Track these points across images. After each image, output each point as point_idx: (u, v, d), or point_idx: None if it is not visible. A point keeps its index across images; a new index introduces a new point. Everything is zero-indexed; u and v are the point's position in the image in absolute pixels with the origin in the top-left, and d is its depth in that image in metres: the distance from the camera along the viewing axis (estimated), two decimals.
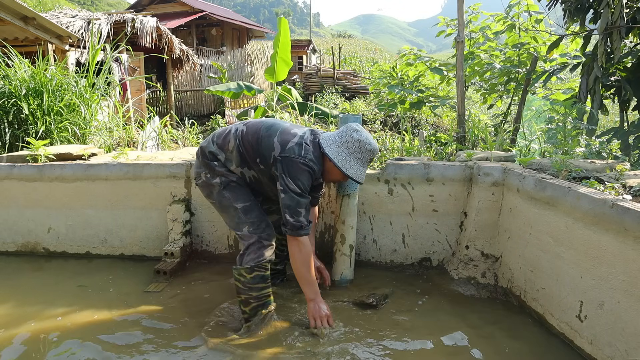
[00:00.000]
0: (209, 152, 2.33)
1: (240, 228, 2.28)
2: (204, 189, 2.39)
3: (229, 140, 2.29)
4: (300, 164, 2.11)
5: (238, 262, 2.27)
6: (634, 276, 1.72)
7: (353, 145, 2.19)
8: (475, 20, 6.04)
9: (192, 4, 19.45)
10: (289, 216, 2.13)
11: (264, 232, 2.27)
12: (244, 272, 2.22)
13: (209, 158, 2.33)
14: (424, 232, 2.95)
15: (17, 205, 3.24)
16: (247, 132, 2.29)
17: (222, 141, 2.31)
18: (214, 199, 2.35)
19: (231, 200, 2.29)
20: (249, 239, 2.26)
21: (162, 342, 2.15)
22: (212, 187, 2.32)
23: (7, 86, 3.90)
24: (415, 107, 6.09)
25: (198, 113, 13.77)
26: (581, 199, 1.98)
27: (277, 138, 2.19)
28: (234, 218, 2.30)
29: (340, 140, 2.21)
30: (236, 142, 2.27)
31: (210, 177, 2.32)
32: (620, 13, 3.28)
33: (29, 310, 2.45)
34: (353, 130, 2.21)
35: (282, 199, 2.13)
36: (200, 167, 2.37)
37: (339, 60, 19.79)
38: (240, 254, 2.28)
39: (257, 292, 2.25)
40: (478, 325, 2.30)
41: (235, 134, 2.29)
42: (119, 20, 9.65)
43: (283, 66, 6.64)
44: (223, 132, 2.35)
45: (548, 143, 3.44)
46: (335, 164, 2.16)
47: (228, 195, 2.30)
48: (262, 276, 2.25)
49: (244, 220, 2.27)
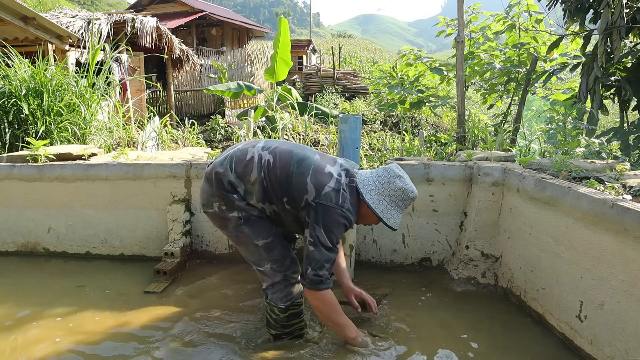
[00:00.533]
0: (229, 182, 1.97)
1: (261, 264, 2.05)
2: (216, 220, 2.10)
3: (251, 170, 1.96)
4: (338, 215, 1.89)
5: (267, 297, 2.08)
6: (634, 276, 1.72)
7: (396, 194, 1.98)
8: (475, 20, 6.04)
9: (192, 4, 19.44)
10: (311, 269, 1.91)
11: (289, 269, 2.06)
12: (277, 311, 2.06)
13: (226, 189, 1.98)
14: (424, 232, 2.95)
15: (17, 205, 3.24)
16: (274, 164, 1.96)
17: (242, 170, 1.97)
18: (229, 232, 2.07)
19: (251, 236, 2.01)
20: (272, 277, 2.05)
21: (162, 342, 2.15)
22: (226, 221, 2.03)
23: (7, 86, 3.90)
24: (415, 107, 6.10)
25: (198, 113, 13.76)
26: (581, 199, 1.98)
27: (310, 178, 1.92)
28: (253, 254, 2.06)
29: (381, 187, 1.98)
30: (260, 175, 1.95)
31: (225, 210, 2.00)
32: (620, 13, 3.28)
33: (29, 310, 2.45)
34: (396, 176, 2.00)
35: (311, 251, 1.90)
36: (213, 196, 2.02)
37: (339, 60, 19.79)
38: (264, 288, 2.08)
39: (290, 328, 2.11)
40: (478, 325, 2.30)
41: (260, 163, 1.97)
42: (119, 20, 9.65)
43: (283, 66, 6.65)
44: (243, 157, 1.99)
45: (548, 143, 3.44)
46: (376, 214, 1.95)
47: (247, 231, 2.01)
48: (295, 313, 2.10)
49: (266, 257, 2.03)
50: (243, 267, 2.92)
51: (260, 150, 2.01)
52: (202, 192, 2.10)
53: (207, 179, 2.05)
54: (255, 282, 2.67)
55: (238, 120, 8.88)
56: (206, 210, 2.09)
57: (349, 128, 2.60)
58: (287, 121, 5.02)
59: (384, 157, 3.56)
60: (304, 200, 1.91)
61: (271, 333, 2.13)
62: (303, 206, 1.93)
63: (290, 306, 2.06)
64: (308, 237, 1.91)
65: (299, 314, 2.13)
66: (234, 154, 2.03)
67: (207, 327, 2.27)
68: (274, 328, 2.11)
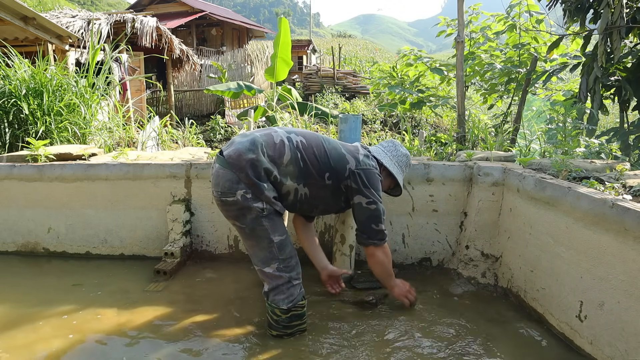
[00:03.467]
0: (265, 168, 1.99)
1: (268, 264, 2.05)
2: (233, 210, 2.03)
3: (284, 152, 2.04)
4: (377, 175, 2.24)
5: (269, 298, 2.09)
6: (634, 276, 1.72)
7: (402, 160, 2.40)
8: (475, 20, 6.05)
9: (192, 4, 19.45)
10: (376, 226, 2.18)
11: (293, 270, 2.10)
12: (278, 312, 2.07)
13: (260, 177, 1.98)
14: (424, 232, 2.95)
15: (17, 205, 3.24)
16: (309, 144, 2.11)
17: (275, 154, 2.03)
18: (245, 223, 2.02)
19: (268, 231, 2.02)
20: (276, 279, 2.06)
21: (162, 341, 2.15)
22: (247, 210, 1.99)
23: (7, 86, 3.89)
24: (415, 107, 6.10)
25: (198, 113, 13.77)
26: (581, 199, 1.98)
27: (345, 151, 2.20)
28: (264, 251, 2.05)
29: (391, 155, 2.37)
30: (297, 155, 2.06)
31: (250, 199, 1.98)
32: (620, 13, 3.28)
33: (29, 310, 2.45)
34: (400, 145, 2.44)
35: (373, 210, 2.16)
36: (239, 183, 1.98)
37: (339, 60, 19.79)
38: (267, 290, 2.09)
39: (292, 329, 2.11)
40: (478, 325, 2.30)
41: (292, 145, 2.07)
42: (119, 20, 9.65)
43: (283, 66, 6.65)
44: (271, 141, 2.06)
45: (548, 143, 3.44)
46: (394, 174, 2.34)
47: (267, 224, 2.02)
48: (298, 315, 2.11)
49: (276, 256, 2.05)
50: (243, 267, 2.93)
51: (286, 133, 2.12)
52: (221, 179, 2.01)
53: (233, 165, 1.98)
54: (256, 282, 2.67)
55: (238, 120, 8.89)
56: (225, 199, 2.01)
57: (349, 128, 2.60)
58: (287, 121, 5.02)
59: None
60: (347, 169, 2.15)
61: (272, 334, 2.14)
62: (347, 175, 2.15)
63: (292, 308, 2.08)
64: (364, 200, 2.15)
65: (301, 315, 2.13)
66: (259, 139, 2.04)
67: (207, 327, 2.27)
68: (275, 329, 2.12)
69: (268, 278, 2.08)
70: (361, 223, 2.21)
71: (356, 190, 2.16)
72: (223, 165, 2.03)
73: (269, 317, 2.13)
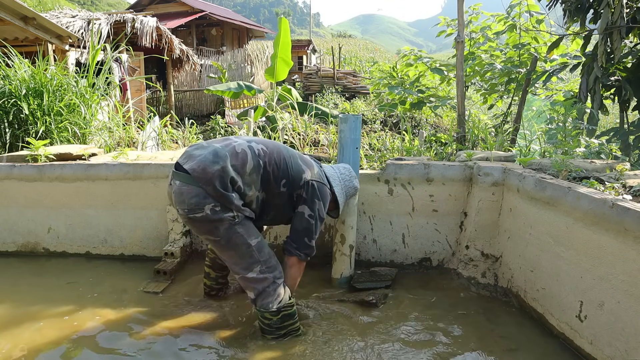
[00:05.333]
0: (231, 178, 1.95)
1: (250, 268, 2.03)
2: (203, 225, 1.98)
3: (247, 161, 2.01)
4: (328, 191, 2.27)
5: (257, 304, 2.07)
6: (634, 276, 1.72)
7: (350, 191, 2.45)
8: (475, 20, 6.04)
9: (192, 4, 19.44)
10: (308, 240, 2.17)
11: (275, 269, 2.09)
12: (267, 315, 2.06)
13: (227, 187, 1.95)
14: (424, 232, 2.95)
15: (17, 205, 3.24)
16: (270, 151, 2.10)
17: (238, 162, 1.99)
18: (219, 235, 1.98)
19: (244, 236, 2.01)
20: (261, 283, 2.04)
21: (162, 342, 2.15)
22: (218, 223, 1.96)
23: (7, 86, 3.89)
24: (415, 107, 6.09)
25: (198, 113, 13.77)
26: (581, 199, 1.98)
27: (301, 161, 2.22)
28: (245, 257, 2.03)
29: (343, 184, 2.40)
30: (258, 162, 2.04)
31: (219, 211, 1.94)
32: (620, 13, 3.28)
33: (29, 310, 2.45)
34: (354, 177, 2.47)
35: (311, 224, 2.15)
36: (206, 198, 1.92)
37: (339, 60, 19.79)
38: (254, 298, 2.07)
39: (285, 329, 2.11)
40: (478, 325, 2.30)
41: (253, 152, 2.04)
42: (119, 20, 9.64)
43: (283, 66, 6.65)
44: (234, 151, 2.02)
45: (548, 143, 3.44)
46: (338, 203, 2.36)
47: (241, 230, 2.00)
48: (289, 314, 2.11)
49: (257, 259, 2.04)
50: None
51: (246, 142, 2.09)
52: (186, 197, 1.93)
53: (199, 179, 1.91)
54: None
55: (238, 120, 8.89)
56: (193, 216, 1.94)
57: (349, 128, 2.60)
58: (287, 121, 5.02)
59: (384, 157, 3.56)
60: (302, 179, 2.16)
61: (267, 338, 2.12)
62: (301, 185, 2.16)
63: (282, 308, 2.08)
64: (307, 212, 2.15)
65: (292, 314, 2.13)
66: (221, 150, 1.99)
67: (207, 327, 2.27)
68: (269, 333, 2.11)
69: (252, 283, 2.05)
70: (296, 232, 2.18)
71: (304, 200, 2.16)
72: (186, 181, 1.95)
73: (260, 324, 2.12)
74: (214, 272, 2.49)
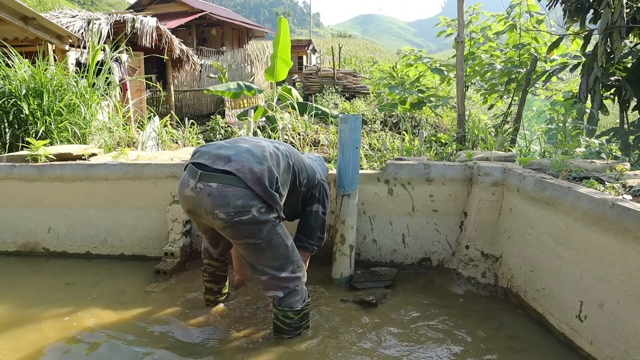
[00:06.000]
0: (277, 178, 1.93)
1: (284, 269, 2.00)
2: (246, 228, 1.87)
3: (280, 161, 2.02)
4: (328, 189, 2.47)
5: (281, 304, 2.03)
6: (634, 276, 1.72)
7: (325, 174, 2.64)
8: (475, 20, 6.04)
9: (192, 4, 19.43)
10: (320, 234, 2.38)
11: (303, 268, 2.12)
12: (290, 315, 2.05)
13: (274, 187, 1.91)
14: (424, 232, 2.95)
15: (17, 205, 3.24)
16: (292, 152, 2.16)
17: (275, 163, 1.97)
18: (261, 238, 1.90)
19: (283, 237, 1.99)
20: (292, 282, 2.02)
21: (162, 341, 2.15)
22: (262, 225, 1.89)
23: (7, 86, 3.89)
24: (415, 107, 6.09)
25: (198, 113, 13.77)
26: (581, 199, 1.98)
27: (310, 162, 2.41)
28: (280, 258, 1.99)
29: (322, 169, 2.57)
30: (288, 162, 2.07)
31: (265, 212, 1.88)
32: (620, 13, 3.28)
33: (29, 310, 2.45)
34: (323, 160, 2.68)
35: (324, 220, 2.37)
36: (254, 199, 1.84)
37: (339, 60, 19.79)
38: (281, 296, 2.02)
39: (301, 329, 2.13)
40: (478, 325, 2.30)
41: (282, 153, 2.06)
42: (119, 20, 9.64)
43: (283, 66, 6.65)
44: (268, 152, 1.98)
45: (548, 143, 3.44)
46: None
47: (281, 231, 1.98)
48: (307, 313, 2.14)
49: (292, 259, 2.03)
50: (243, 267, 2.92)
51: (271, 143, 2.10)
52: (231, 198, 1.81)
53: (247, 179, 1.82)
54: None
55: (238, 120, 8.89)
56: (238, 219, 1.82)
57: (349, 128, 2.60)
58: (287, 121, 5.02)
59: (384, 157, 3.56)
60: (317, 179, 2.33)
61: (284, 338, 2.10)
62: (315, 184, 2.32)
63: (304, 306, 2.10)
64: (321, 210, 2.34)
65: (308, 313, 2.17)
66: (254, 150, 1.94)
67: (207, 327, 2.27)
68: (286, 333, 2.09)
69: (284, 283, 2.01)
70: (311, 229, 2.34)
71: (317, 199, 2.34)
72: (229, 182, 1.83)
73: (278, 323, 2.08)
74: (216, 285, 2.44)
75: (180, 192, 1.96)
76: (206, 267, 2.40)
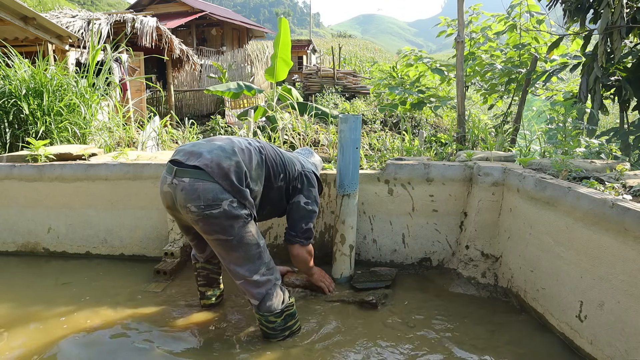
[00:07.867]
0: (245, 173, 1.96)
1: (256, 271, 1.98)
2: (219, 223, 1.88)
3: (252, 157, 2.04)
4: (317, 179, 2.45)
5: (260, 309, 2.02)
6: (634, 276, 1.72)
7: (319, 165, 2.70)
8: (475, 20, 6.05)
9: (192, 4, 19.45)
10: (305, 225, 2.29)
11: (275, 271, 2.08)
12: (272, 318, 2.04)
13: (242, 182, 1.94)
14: (424, 232, 2.95)
15: (17, 205, 3.24)
16: (267, 147, 2.18)
17: (246, 158, 2.01)
18: (232, 234, 1.91)
19: (255, 236, 1.98)
20: (265, 285, 2.01)
21: (162, 342, 2.15)
22: (234, 221, 1.90)
23: (7, 86, 3.89)
24: (415, 107, 6.10)
25: (198, 113, 13.78)
26: (581, 199, 1.98)
27: (291, 155, 2.40)
28: (252, 258, 1.97)
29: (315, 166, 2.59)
30: (261, 157, 2.09)
31: (237, 207, 1.89)
32: (620, 13, 3.28)
33: (29, 310, 2.45)
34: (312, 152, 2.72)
35: (308, 210, 2.29)
36: (223, 193, 1.87)
37: (339, 60, 19.79)
38: (258, 303, 2.01)
39: (289, 330, 2.11)
40: (478, 325, 2.30)
41: (256, 149, 2.09)
42: (119, 20, 9.65)
43: (283, 66, 6.65)
44: (238, 147, 2.02)
45: (548, 143, 3.44)
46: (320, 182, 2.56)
47: (253, 230, 1.97)
48: (291, 314, 2.12)
49: (263, 260, 2.01)
50: None
51: (245, 140, 2.14)
52: (201, 192, 1.86)
53: (215, 174, 1.87)
54: None
55: (238, 120, 8.89)
56: (209, 212, 1.86)
57: (349, 128, 2.60)
58: (287, 121, 5.02)
59: (384, 157, 3.56)
60: (296, 171, 2.31)
61: (272, 342, 2.10)
62: (296, 177, 2.30)
63: (285, 308, 2.08)
64: (303, 200, 2.29)
65: (294, 314, 2.14)
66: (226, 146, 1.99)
67: (207, 327, 2.27)
68: (273, 337, 2.10)
69: (256, 287, 2.00)
70: (293, 221, 2.30)
71: (299, 190, 2.32)
72: (199, 177, 1.88)
73: (263, 328, 2.09)
74: (211, 289, 2.44)
75: (160, 189, 2.04)
76: (199, 270, 2.42)
